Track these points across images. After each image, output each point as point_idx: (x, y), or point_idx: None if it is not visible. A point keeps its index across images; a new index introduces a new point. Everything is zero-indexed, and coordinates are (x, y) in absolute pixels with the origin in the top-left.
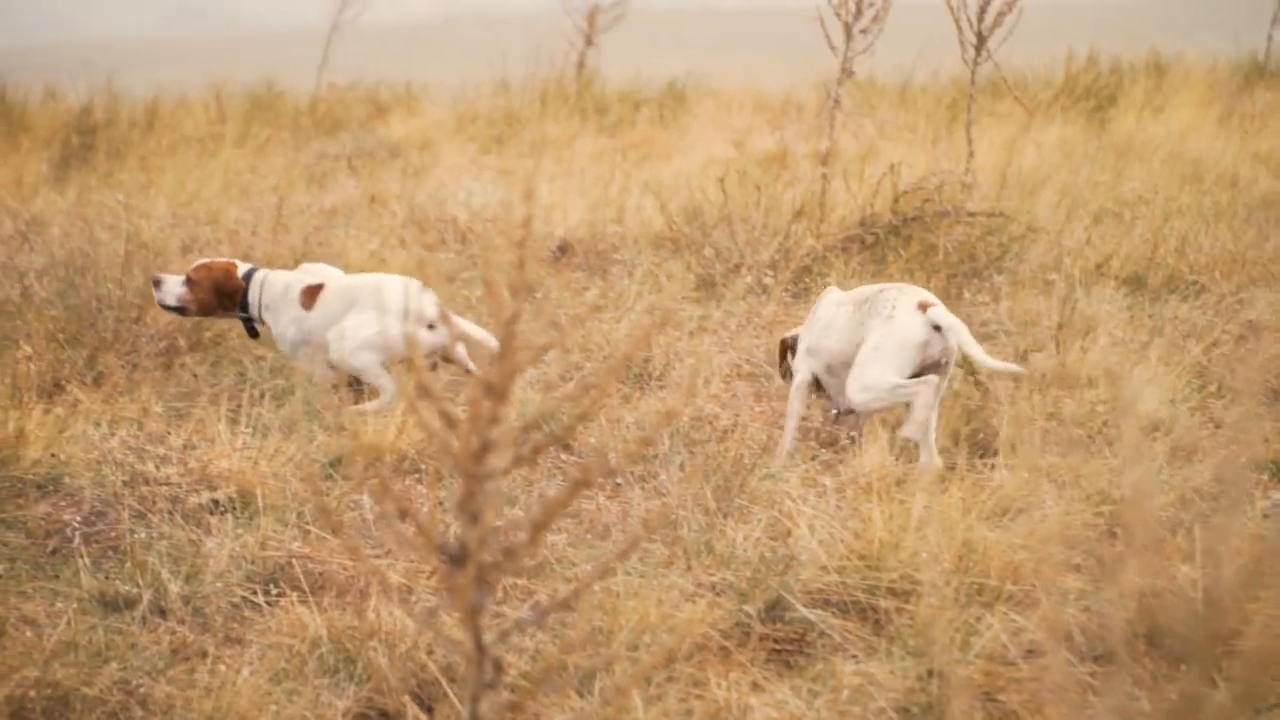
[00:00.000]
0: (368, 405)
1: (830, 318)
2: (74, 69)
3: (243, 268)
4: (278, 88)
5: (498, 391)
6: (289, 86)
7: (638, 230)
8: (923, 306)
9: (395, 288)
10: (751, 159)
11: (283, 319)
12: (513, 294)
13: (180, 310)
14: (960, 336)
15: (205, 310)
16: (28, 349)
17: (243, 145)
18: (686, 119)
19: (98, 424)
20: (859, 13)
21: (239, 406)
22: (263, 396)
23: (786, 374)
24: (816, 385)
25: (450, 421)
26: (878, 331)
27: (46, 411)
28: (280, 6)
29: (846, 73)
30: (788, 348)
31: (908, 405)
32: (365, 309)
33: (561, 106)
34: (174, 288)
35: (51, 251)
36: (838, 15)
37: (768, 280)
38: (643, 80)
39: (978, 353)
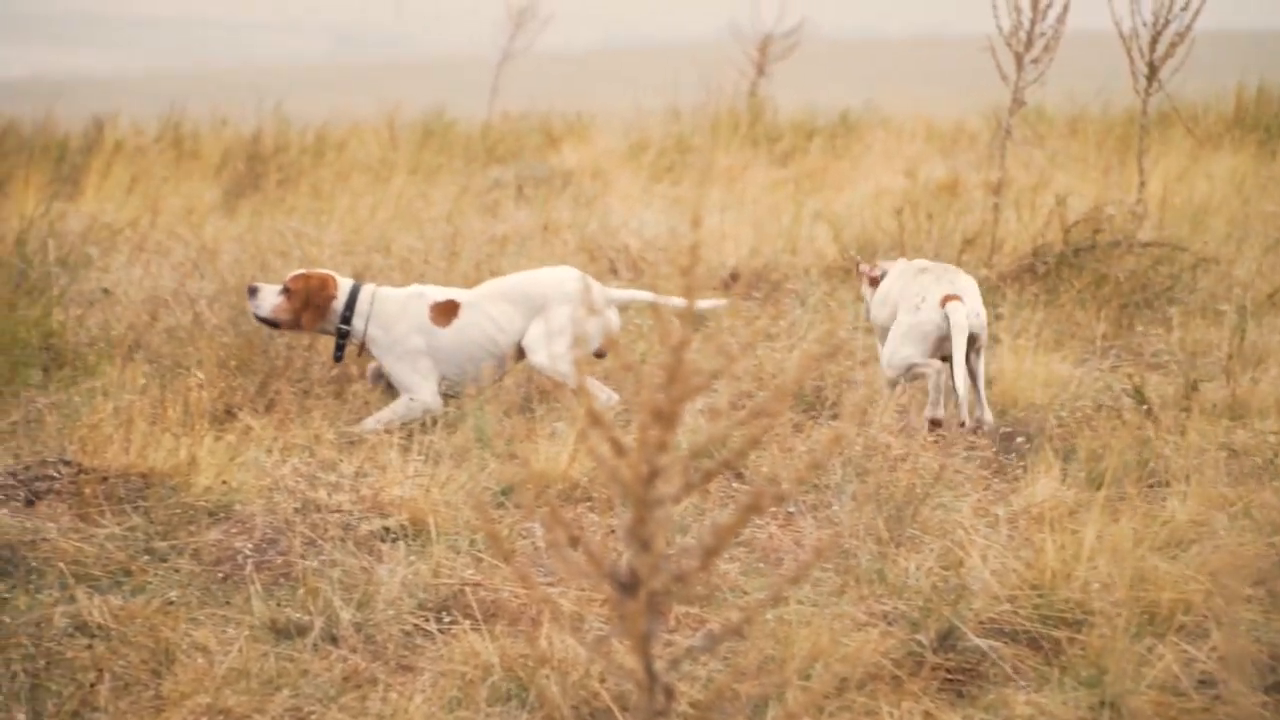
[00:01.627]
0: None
1: (888, 291)
2: (244, 96)
3: (346, 282)
4: (449, 115)
5: (666, 418)
6: (461, 114)
7: (810, 260)
8: (945, 300)
9: (573, 279)
10: (923, 188)
11: (399, 329)
12: (681, 321)
13: (273, 323)
14: (957, 338)
15: (299, 322)
16: (199, 376)
17: (414, 172)
18: (858, 148)
19: (269, 451)
20: (1030, 43)
21: (410, 434)
22: (434, 424)
23: (867, 313)
24: None
25: (619, 449)
26: (904, 318)
27: (218, 438)
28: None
29: (1018, 102)
30: (874, 282)
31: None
32: (554, 308)
33: (733, 136)
34: (270, 297)
35: (223, 278)
36: (1009, 45)
37: None
38: (814, 109)
39: (959, 367)
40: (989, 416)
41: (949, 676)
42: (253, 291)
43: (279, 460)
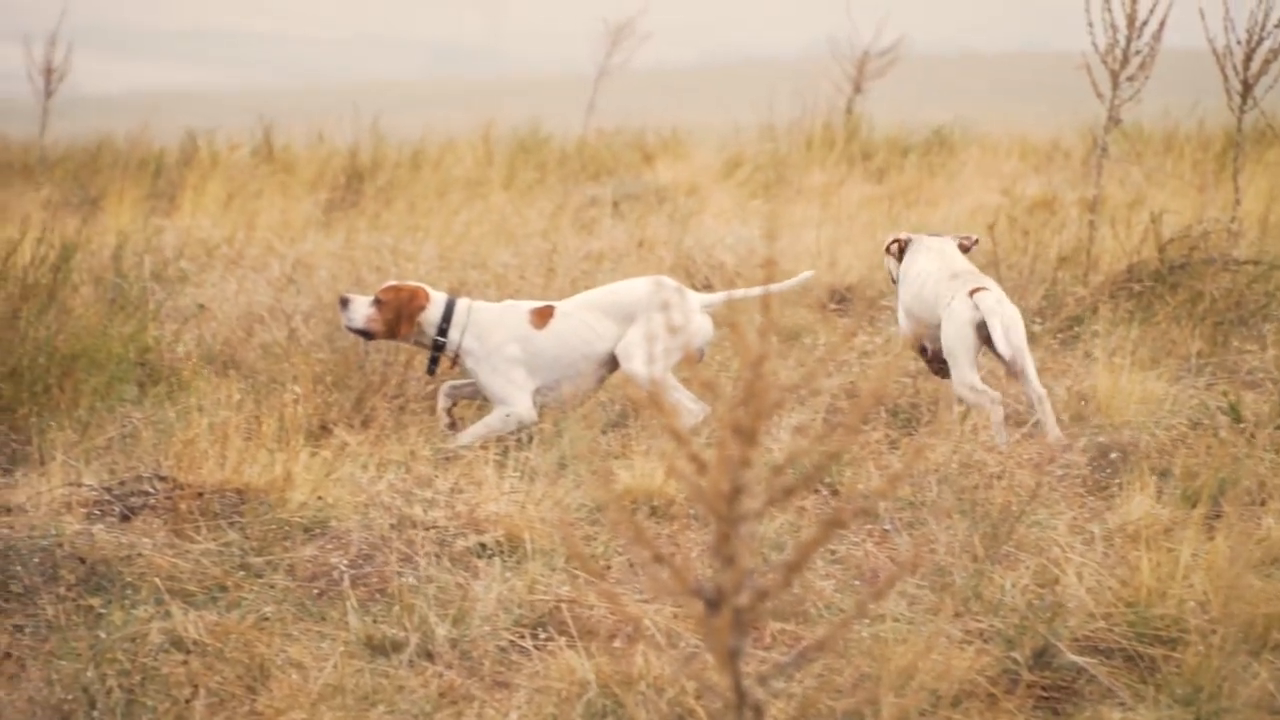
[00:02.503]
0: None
1: (921, 282)
2: (341, 111)
3: (439, 295)
4: (544, 131)
5: (747, 434)
6: (556, 130)
7: None
8: (973, 292)
9: (664, 287)
10: (1019, 206)
11: (495, 338)
12: (761, 336)
13: (366, 334)
14: (993, 322)
15: (391, 334)
16: (295, 391)
17: (510, 188)
18: (954, 165)
19: (365, 467)
20: (1126, 60)
21: (506, 450)
22: (530, 440)
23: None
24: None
25: (701, 465)
26: (946, 330)
27: (313, 454)
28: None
29: (1113, 120)
30: (902, 249)
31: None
32: (646, 315)
33: (828, 152)
34: (361, 308)
35: (319, 294)
36: (1104, 63)
37: (1036, 327)
38: (909, 125)
39: (1002, 344)
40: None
41: (1044, 694)
42: (344, 303)
43: (375, 476)
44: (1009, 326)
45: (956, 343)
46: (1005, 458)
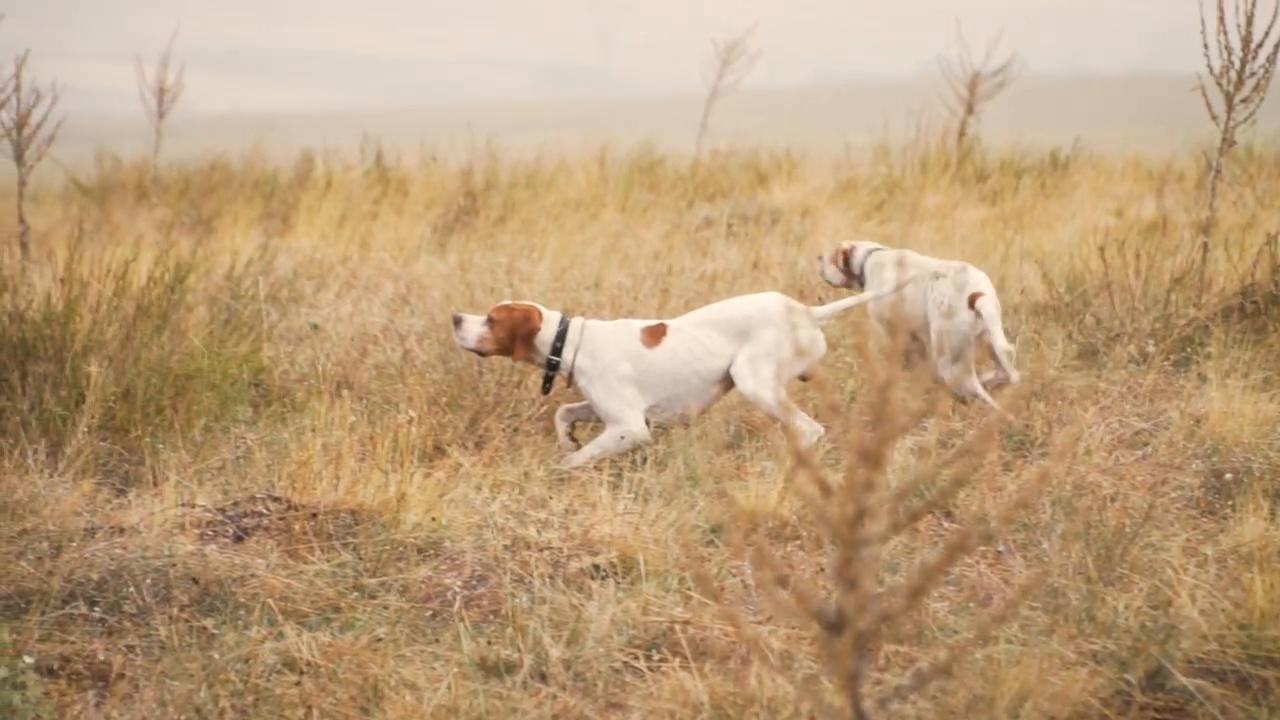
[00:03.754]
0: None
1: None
2: (454, 132)
3: (553, 314)
4: (658, 152)
5: (873, 458)
6: (669, 150)
7: (1018, 298)
8: (972, 300)
9: (777, 303)
10: (1132, 227)
11: (608, 356)
12: (887, 360)
13: (479, 353)
14: (994, 327)
15: (503, 352)
16: (409, 412)
17: (624, 209)
18: (1067, 187)
19: (479, 488)
20: (1240, 82)
21: (620, 472)
22: (644, 461)
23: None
24: None
25: (826, 488)
26: (950, 336)
27: (427, 475)
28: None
29: (1228, 142)
30: (847, 257)
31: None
32: (759, 332)
33: (942, 174)
34: (474, 328)
35: (432, 315)
36: (1219, 85)
37: (1149, 349)
38: (1023, 147)
39: (1000, 350)
40: (1014, 375)
41: (1156, 716)
42: (457, 322)
43: (488, 497)
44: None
45: (963, 348)
46: (1119, 480)
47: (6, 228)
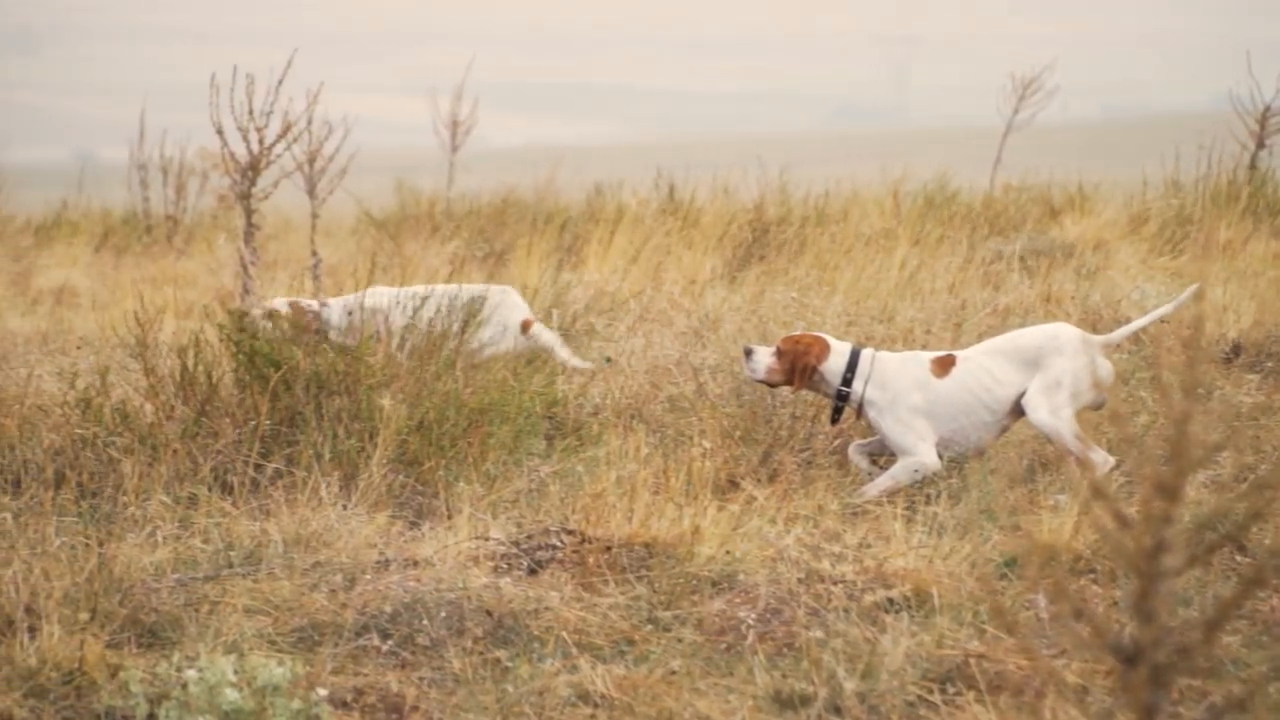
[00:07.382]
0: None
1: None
2: (744, 165)
3: (842, 346)
4: (952, 186)
5: (1170, 491)
6: (963, 184)
7: None
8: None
9: (1068, 333)
10: None
11: (898, 386)
12: (1184, 394)
13: (768, 384)
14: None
15: (789, 383)
16: (704, 445)
17: (917, 243)
18: None
19: (772, 521)
20: None
21: (913, 505)
22: (938, 495)
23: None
24: None
25: (1124, 521)
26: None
27: (721, 508)
28: (952, 106)
29: None
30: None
31: None
32: (1050, 361)
33: (1233, 208)
34: (763, 359)
35: (725, 348)
36: None
37: None
38: None
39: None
40: None
41: None
42: (748, 353)
43: (782, 530)
44: None
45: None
46: None
47: (299, 260)
